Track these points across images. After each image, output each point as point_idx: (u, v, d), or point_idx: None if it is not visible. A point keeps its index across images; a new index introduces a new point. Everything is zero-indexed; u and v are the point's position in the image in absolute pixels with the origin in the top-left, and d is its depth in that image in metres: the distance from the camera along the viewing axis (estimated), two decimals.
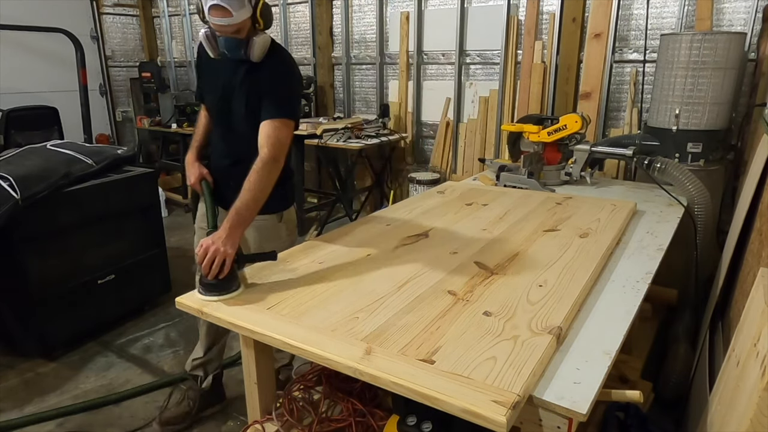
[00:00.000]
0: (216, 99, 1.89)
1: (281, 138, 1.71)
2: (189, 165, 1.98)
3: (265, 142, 1.69)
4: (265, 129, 1.70)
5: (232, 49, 1.71)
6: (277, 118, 1.71)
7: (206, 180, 1.92)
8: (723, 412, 1.25)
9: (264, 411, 1.51)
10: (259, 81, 1.76)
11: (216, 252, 1.45)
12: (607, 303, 1.42)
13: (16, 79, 5.00)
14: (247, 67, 1.77)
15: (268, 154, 1.67)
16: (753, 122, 2.87)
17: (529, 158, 2.73)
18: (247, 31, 1.69)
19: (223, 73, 1.83)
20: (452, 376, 1.05)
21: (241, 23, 1.64)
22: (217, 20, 1.62)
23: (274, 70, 1.76)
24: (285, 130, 1.72)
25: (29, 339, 2.67)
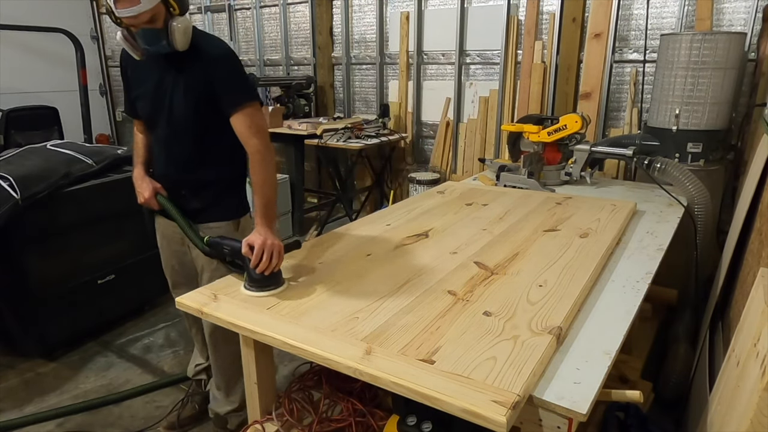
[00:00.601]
0: (150, 104, 1.74)
1: (259, 122, 1.64)
2: (138, 181, 1.85)
3: (248, 132, 1.61)
4: (240, 120, 1.61)
5: (151, 41, 1.56)
6: (247, 104, 1.61)
7: (162, 194, 1.82)
8: (723, 412, 1.24)
9: (264, 411, 1.50)
10: (199, 73, 1.62)
11: (272, 246, 1.46)
12: (607, 303, 1.43)
13: (16, 79, 5.00)
14: (178, 62, 1.63)
15: (258, 143, 1.62)
16: (753, 122, 2.87)
17: (529, 158, 2.73)
18: (163, 19, 1.54)
19: (153, 75, 1.69)
20: (452, 376, 1.05)
21: (152, 10, 1.50)
22: (125, 12, 1.47)
23: (218, 58, 1.63)
24: (258, 113, 1.64)
25: (29, 339, 2.67)
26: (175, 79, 1.66)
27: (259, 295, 1.43)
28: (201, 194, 1.81)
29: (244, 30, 5.48)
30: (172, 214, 1.78)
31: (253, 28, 5.35)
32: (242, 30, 5.50)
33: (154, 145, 1.84)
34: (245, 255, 1.47)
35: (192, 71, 1.63)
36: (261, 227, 1.54)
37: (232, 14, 5.47)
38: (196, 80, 1.63)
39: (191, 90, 1.65)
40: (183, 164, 1.78)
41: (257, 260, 1.44)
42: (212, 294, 1.47)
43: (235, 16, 5.49)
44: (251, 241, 1.48)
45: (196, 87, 1.64)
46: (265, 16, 5.29)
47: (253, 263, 1.44)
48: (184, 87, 1.65)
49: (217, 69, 1.62)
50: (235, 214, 1.89)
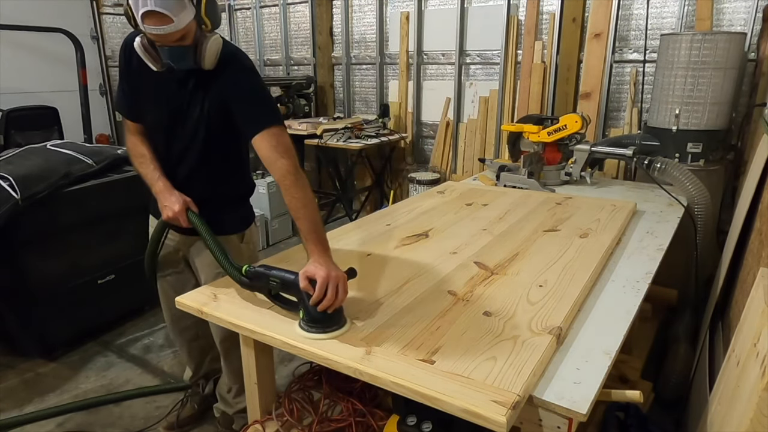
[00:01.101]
0: (161, 116, 1.62)
1: (287, 143, 1.51)
2: (165, 194, 1.63)
3: (275, 153, 1.47)
4: (266, 141, 1.48)
5: (179, 60, 1.45)
6: (273, 125, 1.50)
7: (191, 209, 1.63)
8: (723, 412, 1.24)
9: (264, 411, 1.50)
10: (220, 90, 1.53)
11: (337, 278, 1.26)
12: (607, 303, 1.42)
13: (16, 79, 4.99)
14: (198, 76, 1.53)
15: (288, 163, 1.47)
16: (753, 122, 2.87)
17: (529, 158, 2.73)
18: (194, 36, 1.44)
19: (168, 87, 1.57)
20: (452, 376, 1.05)
21: (185, 29, 1.39)
22: (154, 29, 1.35)
23: (239, 75, 1.54)
24: (284, 135, 1.52)
25: (29, 339, 2.67)
26: (193, 94, 1.57)
27: (320, 338, 1.23)
28: (205, 208, 1.69)
29: (244, 30, 5.48)
30: (203, 234, 1.59)
31: (253, 28, 5.35)
32: (242, 30, 5.50)
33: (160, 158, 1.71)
34: (304, 290, 1.26)
35: (212, 86, 1.54)
36: (318, 256, 1.31)
37: (232, 14, 5.47)
38: (214, 96, 1.55)
39: (208, 105, 1.56)
40: (189, 178, 1.68)
41: (321, 296, 1.23)
42: (212, 294, 1.47)
43: (235, 16, 5.49)
44: (311, 274, 1.26)
45: (213, 103, 1.56)
46: (265, 16, 5.29)
47: (314, 300, 1.23)
48: (202, 101, 1.56)
49: (236, 87, 1.53)
50: (240, 227, 1.81)
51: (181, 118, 1.60)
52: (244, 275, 1.39)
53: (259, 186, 4.26)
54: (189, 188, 1.68)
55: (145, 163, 1.69)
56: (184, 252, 1.86)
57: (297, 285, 1.27)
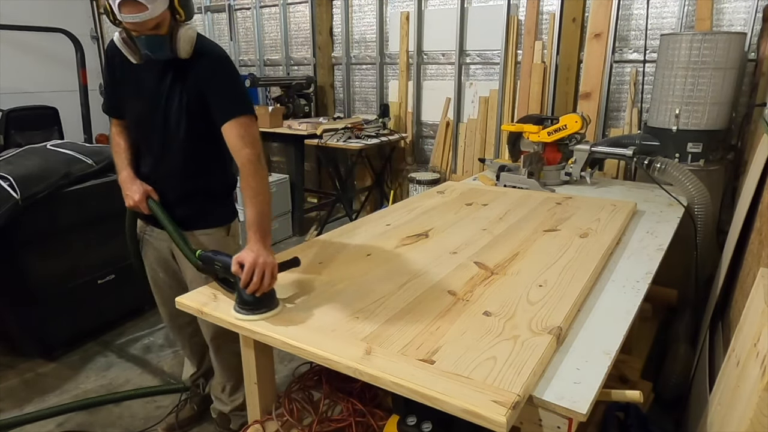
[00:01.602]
0: (142, 108, 1.68)
1: (254, 134, 1.57)
2: (128, 183, 1.73)
3: (241, 143, 1.54)
4: (234, 130, 1.54)
5: (155, 48, 1.51)
6: (242, 115, 1.56)
7: (152, 198, 1.71)
8: (723, 412, 1.25)
9: (264, 411, 1.50)
10: (197, 80, 1.58)
11: (265, 264, 1.35)
12: (607, 303, 1.42)
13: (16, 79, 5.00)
14: (176, 69, 1.59)
15: (251, 152, 1.54)
16: (753, 122, 2.87)
17: (529, 158, 2.73)
18: (168, 25, 1.51)
19: (148, 79, 1.63)
20: (452, 376, 1.05)
21: (159, 17, 1.46)
22: (130, 17, 1.42)
23: (215, 65, 1.59)
24: (253, 125, 1.58)
25: (29, 339, 2.67)
26: (171, 85, 1.61)
27: (249, 319, 1.31)
28: (189, 202, 1.76)
29: (244, 30, 5.48)
30: (163, 222, 1.67)
31: (253, 28, 5.35)
32: (242, 30, 5.50)
33: (143, 151, 1.78)
34: (235, 273, 1.35)
35: (188, 77, 1.59)
36: (254, 243, 1.42)
37: (232, 14, 5.47)
38: (190, 86, 1.60)
39: (186, 96, 1.61)
40: (172, 171, 1.72)
41: (248, 280, 1.32)
42: (212, 294, 1.47)
43: (235, 16, 5.49)
44: (242, 259, 1.36)
45: (190, 93, 1.60)
46: (265, 16, 5.29)
47: (243, 283, 1.32)
48: (180, 92, 1.61)
49: (211, 77, 1.58)
50: (225, 220, 1.84)
51: (161, 111, 1.64)
52: (198, 259, 1.51)
53: None
54: (173, 181, 1.73)
55: (118, 153, 1.80)
56: (170, 247, 1.87)
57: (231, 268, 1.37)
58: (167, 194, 1.76)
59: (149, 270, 1.98)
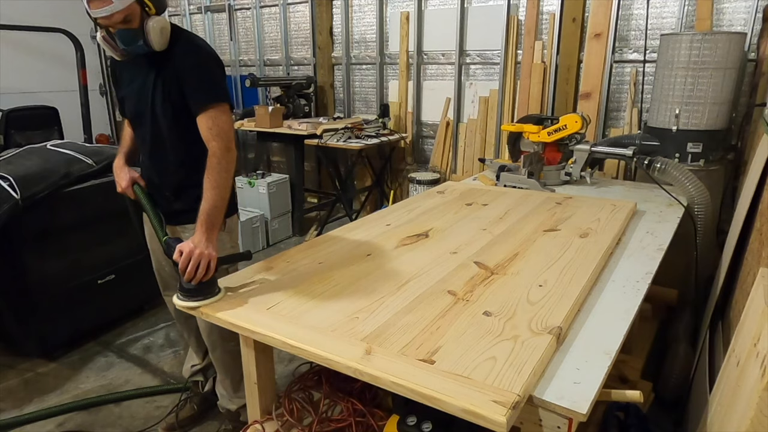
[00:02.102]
0: (134, 105, 1.73)
1: (222, 125, 1.59)
2: (117, 170, 1.84)
3: (209, 135, 1.57)
4: (203, 121, 1.58)
5: (128, 42, 1.55)
6: (210, 104, 1.58)
7: (138, 183, 1.80)
8: (723, 412, 1.24)
9: (264, 411, 1.50)
10: (173, 72, 1.61)
11: (200, 255, 1.41)
12: (607, 303, 1.42)
13: (16, 79, 5.00)
14: (157, 62, 1.62)
15: (217, 146, 1.56)
16: (753, 122, 2.87)
17: (529, 158, 2.73)
18: (139, 19, 1.54)
19: (136, 76, 1.69)
20: (452, 376, 1.05)
21: (126, 10, 1.49)
22: (98, 12, 1.46)
23: (185, 54, 1.61)
24: (223, 115, 1.59)
25: (29, 339, 2.67)
26: (155, 80, 1.64)
27: (185, 305, 1.38)
28: (184, 196, 1.78)
29: (244, 30, 5.48)
30: (144, 205, 1.74)
31: (253, 28, 5.35)
32: (242, 30, 5.50)
33: (139, 146, 1.85)
34: (175, 260, 1.42)
35: (167, 71, 1.62)
36: (198, 234, 1.47)
37: (232, 14, 5.47)
38: (170, 80, 1.62)
39: (168, 90, 1.63)
40: (166, 165, 1.76)
41: (183, 268, 1.39)
42: None
43: (235, 16, 5.49)
44: (181, 248, 1.42)
45: (171, 87, 1.62)
46: (265, 16, 5.29)
47: (180, 270, 1.40)
48: (162, 87, 1.64)
49: (186, 67, 1.60)
50: None
51: (149, 106, 1.68)
52: (164, 243, 1.57)
53: (258, 186, 4.26)
54: (165, 175, 1.77)
55: (121, 143, 1.92)
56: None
57: None
58: (162, 188, 1.80)
59: (155, 262, 2.02)
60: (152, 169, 1.81)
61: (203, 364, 2.21)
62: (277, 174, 4.50)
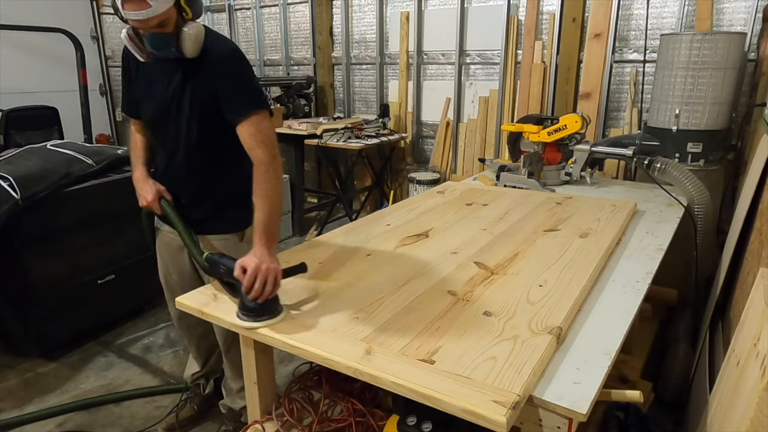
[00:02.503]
0: (155, 107, 1.64)
1: (266, 131, 1.52)
2: (141, 183, 1.72)
3: (254, 142, 1.49)
4: (245, 128, 1.50)
5: (159, 47, 1.47)
6: (252, 111, 1.50)
7: (165, 198, 1.69)
8: (723, 412, 1.24)
9: (264, 411, 1.50)
10: (205, 79, 1.54)
11: (267, 270, 1.30)
12: (607, 303, 1.42)
13: (16, 79, 4.99)
14: (185, 66, 1.55)
15: (263, 153, 1.49)
16: (753, 122, 2.87)
17: (529, 158, 2.73)
18: (174, 24, 1.46)
19: (159, 79, 1.61)
20: (452, 376, 1.05)
21: (164, 14, 1.41)
22: (133, 14, 1.38)
23: (223, 63, 1.54)
24: (266, 121, 1.53)
25: (29, 339, 2.67)
26: (183, 84, 1.58)
27: (251, 326, 1.28)
28: (202, 205, 1.72)
29: (244, 30, 5.48)
30: (174, 222, 1.65)
31: (253, 28, 5.35)
32: (242, 30, 5.50)
33: (157, 150, 1.76)
34: (237, 278, 1.32)
35: (198, 76, 1.56)
36: (258, 247, 1.38)
37: (232, 14, 5.47)
38: (201, 86, 1.56)
39: (197, 96, 1.57)
40: (185, 172, 1.69)
41: (249, 286, 1.29)
42: (212, 294, 1.47)
43: (235, 16, 5.49)
44: (245, 264, 1.32)
45: (202, 93, 1.56)
46: (265, 16, 5.29)
47: (245, 288, 1.29)
48: (191, 92, 1.58)
49: (221, 74, 1.54)
50: (239, 226, 1.77)
51: (173, 111, 1.61)
52: (205, 261, 1.47)
53: None
54: (185, 183, 1.70)
55: (133, 151, 1.80)
56: None
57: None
58: (180, 196, 1.73)
59: (162, 269, 1.96)
60: (169, 175, 1.73)
61: (204, 371, 2.21)
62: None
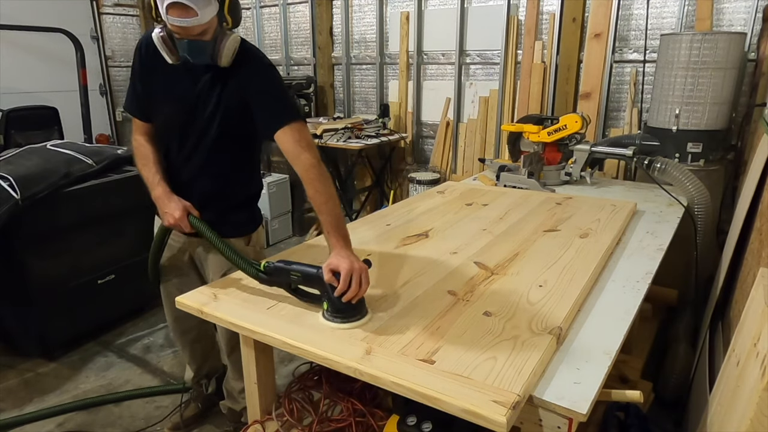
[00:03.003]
0: (172, 111, 1.63)
1: (309, 138, 1.54)
2: (165, 200, 1.63)
3: (299, 147, 1.50)
4: (288, 136, 1.51)
5: (197, 54, 1.48)
6: (294, 120, 1.52)
7: (193, 214, 1.63)
8: (723, 412, 1.25)
9: (264, 411, 1.50)
10: (238, 88, 1.55)
11: (361, 269, 1.30)
12: (607, 303, 1.43)
13: (16, 79, 4.99)
14: (213, 73, 1.56)
15: (310, 156, 1.49)
16: (753, 122, 2.87)
17: (529, 158, 2.73)
18: (213, 32, 1.48)
19: (181, 81, 1.59)
20: (452, 376, 1.05)
21: (208, 23, 1.44)
22: (178, 21, 1.39)
23: (259, 74, 1.57)
24: (306, 129, 1.55)
25: (29, 339, 2.67)
26: (209, 91, 1.57)
27: (344, 328, 1.27)
28: (210, 208, 1.69)
29: (244, 30, 5.48)
30: (209, 237, 1.58)
31: (253, 28, 5.35)
32: (242, 30, 5.49)
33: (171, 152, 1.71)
34: (329, 282, 1.29)
35: (229, 84, 1.56)
36: (341, 249, 1.35)
37: None
38: (231, 93, 1.56)
39: (224, 101, 1.57)
40: (196, 176, 1.68)
41: (345, 287, 1.26)
42: (212, 294, 1.47)
43: None
44: (335, 266, 1.29)
45: (230, 100, 1.57)
46: (265, 16, 5.29)
47: (339, 291, 1.26)
48: (218, 97, 1.57)
49: (256, 85, 1.55)
50: (246, 230, 1.80)
51: (193, 115, 1.61)
52: (263, 272, 1.42)
53: None
54: (196, 186, 1.69)
55: (147, 166, 1.69)
56: (190, 252, 1.86)
57: (320, 278, 1.30)
58: (189, 198, 1.68)
59: (164, 282, 1.95)
60: (179, 178, 1.70)
61: (202, 374, 2.21)
62: (277, 174, 4.50)
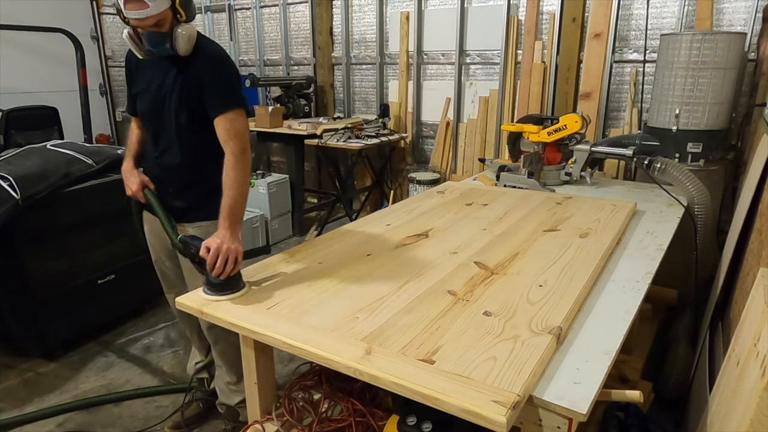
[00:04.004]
0: (149, 103, 1.80)
1: (239, 127, 1.67)
2: (127, 174, 1.89)
3: (227, 136, 1.65)
4: (221, 124, 1.66)
5: (155, 44, 1.64)
6: (230, 109, 1.66)
7: (149, 188, 1.85)
8: (723, 412, 1.25)
9: (264, 411, 1.50)
10: (193, 76, 1.70)
11: (228, 250, 1.47)
12: (607, 303, 1.43)
13: (16, 79, 4.99)
14: (179, 63, 1.71)
15: (234, 145, 1.65)
16: (753, 122, 2.87)
17: (529, 158, 2.73)
18: (169, 24, 1.63)
19: (155, 76, 1.76)
20: (452, 376, 1.05)
21: (160, 15, 1.58)
22: (133, 14, 1.55)
23: (208, 62, 1.70)
24: (240, 120, 1.68)
25: (29, 339, 2.67)
26: (174, 81, 1.72)
27: (214, 299, 1.42)
28: (187, 194, 1.84)
29: (244, 30, 5.48)
30: (154, 207, 1.80)
31: (253, 28, 5.35)
32: (242, 30, 5.50)
33: (147, 143, 1.90)
34: (202, 257, 1.48)
35: (188, 73, 1.70)
36: (222, 230, 1.55)
37: (232, 14, 5.47)
38: (190, 81, 1.70)
39: (185, 92, 1.71)
40: (172, 164, 1.82)
41: (212, 263, 1.44)
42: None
43: (235, 16, 5.49)
44: (208, 244, 1.48)
45: (190, 88, 1.70)
46: (265, 16, 5.29)
47: (208, 266, 1.45)
48: (180, 89, 1.71)
49: (207, 73, 1.69)
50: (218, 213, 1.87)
51: (165, 106, 1.75)
52: (179, 242, 1.62)
53: (258, 186, 4.26)
54: (173, 174, 1.83)
55: (128, 144, 1.97)
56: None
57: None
58: (168, 186, 1.85)
59: (154, 257, 2.06)
60: (159, 167, 1.85)
61: (207, 360, 2.21)
62: (277, 174, 4.50)
